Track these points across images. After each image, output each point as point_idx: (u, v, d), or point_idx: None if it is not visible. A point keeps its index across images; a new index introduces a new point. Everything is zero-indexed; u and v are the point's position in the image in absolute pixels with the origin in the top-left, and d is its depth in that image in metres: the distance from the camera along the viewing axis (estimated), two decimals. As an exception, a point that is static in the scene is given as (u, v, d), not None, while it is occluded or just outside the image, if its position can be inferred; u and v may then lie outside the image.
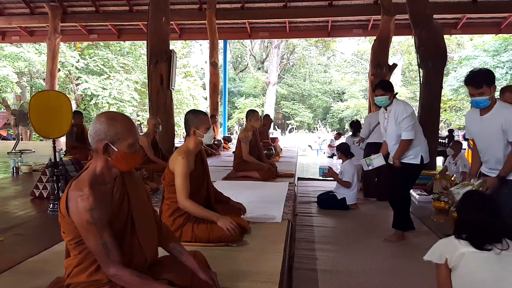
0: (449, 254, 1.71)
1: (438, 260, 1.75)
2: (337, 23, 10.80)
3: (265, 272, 2.06)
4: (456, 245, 1.70)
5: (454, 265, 1.69)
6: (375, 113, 5.71)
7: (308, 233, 3.90)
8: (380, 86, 3.44)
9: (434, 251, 1.78)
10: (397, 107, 3.34)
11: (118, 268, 1.46)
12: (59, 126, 3.28)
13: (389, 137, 3.48)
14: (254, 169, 4.76)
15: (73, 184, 1.49)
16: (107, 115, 1.53)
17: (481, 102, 2.51)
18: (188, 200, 2.42)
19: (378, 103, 3.45)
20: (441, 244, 1.79)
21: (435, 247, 1.79)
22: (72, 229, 1.48)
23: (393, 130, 3.39)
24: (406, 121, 3.25)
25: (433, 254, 1.77)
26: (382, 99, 3.40)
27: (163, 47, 6.81)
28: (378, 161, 3.43)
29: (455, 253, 1.68)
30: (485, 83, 2.49)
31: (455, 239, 1.74)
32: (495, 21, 10.26)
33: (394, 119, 3.34)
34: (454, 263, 1.69)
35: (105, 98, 16.97)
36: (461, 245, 1.69)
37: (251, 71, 28.05)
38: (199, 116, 2.58)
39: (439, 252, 1.76)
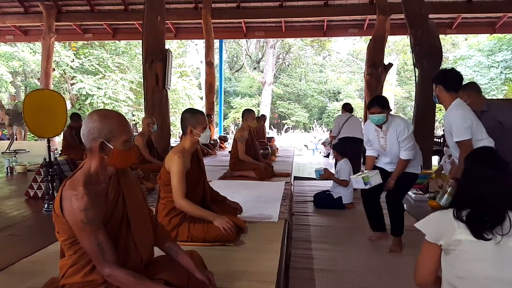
0: (446, 236, 1.47)
1: (432, 238, 1.50)
2: (333, 22, 10.81)
3: (262, 271, 2.05)
4: (454, 228, 1.45)
5: (448, 249, 1.46)
6: (343, 115, 6.38)
7: (305, 232, 3.91)
8: (377, 103, 3.13)
9: (429, 225, 1.54)
10: (397, 125, 3.12)
11: (113, 268, 1.44)
12: (54, 126, 3.25)
13: (389, 156, 3.29)
14: (250, 168, 4.75)
15: (67, 183, 1.47)
16: (99, 113, 1.51)
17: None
18: (184, 200, 2.41)
19: (374, 121, 3.17)
20: (439, 220, 1.53)
21: (431, 222, 1.55)
22: (66, 229, 1.46)
23: (395, 149, 3.18)
24: (408, 140, 3.09)
25: (428, 228, 1.53)
26: (379, 117, 3.13)
27: (159, 46, 6.79)
28: (376, 179, 3.18)
29: (451, 237, 1.45)
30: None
31: (454, 219, 1.47)
32: (489, 21, 10.32)
33: (395, 137, 3.13)
34: (448, 247, 1.46)
35: (100, 97, 16.88)
36: (459, 228, 1.44)
37: (246, 71, 28.02)
38: (196, 116, 2.57)
39: (435, 230, 1.51)
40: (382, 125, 3.19)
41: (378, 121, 3.17)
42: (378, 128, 3.25)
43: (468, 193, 1.50)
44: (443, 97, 2.77)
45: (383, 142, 3.26)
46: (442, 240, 1.47)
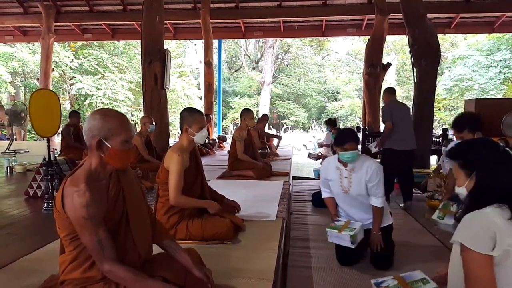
0: (500, 242, 1.27)
1: (485, 249, 1.26)
2: (331, 22, 10.83)
3: (259, 269, 2.07)
4: (503, 232, 1.28)
5: (501, 256, 1.27)
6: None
7: (303, 231, 3.92)
8: (353, 138, 2.66)
9: (476, 235, 1.31)
10: (368, 166, 2.65)
11: (113, 265, 1.46)
12: (52, 125, 3.27)
13: (348, 202, 2.80)
14: (249, 168, 4.77)
15: (68, 180, 1.49)
16: (100, 111, 1.53)
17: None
18: (181, 196, 2.43)
19: (348, 159, 2.65)
20: (485, 225, 1.31)
21: (477, 230, 1.32)
22: (67, 225, 1.48)
23: (360, 194, 2.70)
24: (380, 186, 2.66)
25: (476, 239, 1.30)
26: (353, 154, 2.64)
27: (157, 46, 6.80)
28: (360, 235, 2.66)
29: (505, 241, 1.26)
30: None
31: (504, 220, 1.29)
32: (488, 20, 10.34)
33: (363, 180, 2.67)
34: (502, 255, 1.26)
35: (99, 98, 16.87)
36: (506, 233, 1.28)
37: (245, 71, 28.01)
38: (193, 114, 2.59)
39: (486, 238, 1.28)
40: (348, 164, 2.70)
41: (352, 158, 2.66)
42: (342, 167, 2.74)
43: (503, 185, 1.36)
44: None
45: (347, 184, 2.74)
46: (496, 248, 1.28)
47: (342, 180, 2.76)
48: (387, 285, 1.84)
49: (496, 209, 1.33)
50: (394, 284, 1.84)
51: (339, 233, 2.59)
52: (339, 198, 2.88)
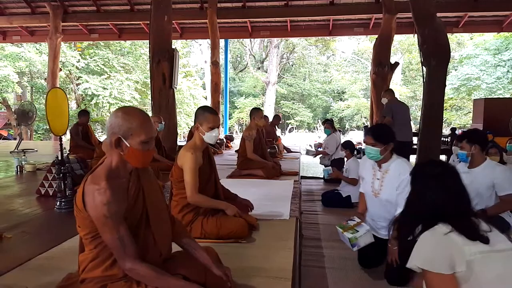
0: (458, 259, 1.28)
1: (445, 269, 1.27)
2: (339, 21, 10.79)
3: (277, 268, 2.04)
4: (459, 246, 1.29)
5: (464, 275, 1.27)
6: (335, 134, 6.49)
7: (314, 231, 3.91)
8: (371, 132, 2.62)
9: (433, 256, 1.31)
10: (402, 170, 2.50)
11: (134, 263, 1.45)
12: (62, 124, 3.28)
13: (376, 206, 2.66)
14: (258, 167, 4.75)
15: (89, 178, 1.48)
16: (124, 109, 1.52)
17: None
18: (198, 194, 2.42)
19: (368, 155, 2.63)
20: (439, 245, 1.33)
21: (432, 251, 1.33)
22: (88, 223, 1.47)
23: (390, 201, 2.53)
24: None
25: (434, 260, 1.30)
26: (371, 151, 2.56)
27: (165, 46, 6.80)
28: (366, 239, 2.50)
29: (464, 258, 1.27)
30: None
31: (447, 235, 1.31)
32: (496, 19, 10.26)
33: (395, 185, 2.51)
34: (464, 272, 1.27)
35: (105, 98, 16.95)
36: (466, 246, 1.29)
37: (250, 71, 28.03)
38: (205, 114, 2.57)
39: (444, 257, 1.29)
40: (382, 164, 2.59)
41: (370, 155, 2.60)
42: (377, 167, 2.64)
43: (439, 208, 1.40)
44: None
45: (377, 186, 2.61)
46: (457, 266, 1.27)
47: (374, 182, 2.66)
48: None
49: (443, 229, 1.34)
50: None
51: (342, 233, 2.56)
52: (368, 199, 2.77)
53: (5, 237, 2.59)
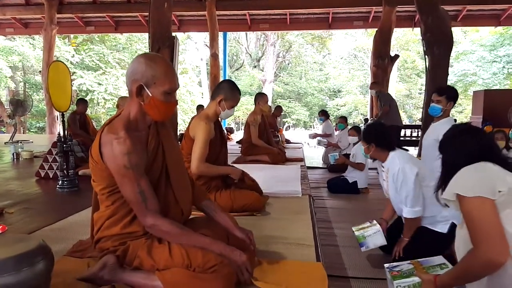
0: (500, 183, 1.24)
1: (487, 193, 1.22)
2: (338, 15, 10.73)
3: (297, 237, 1.96)
4: (500, 173, 1.28)
5: (505, 199, 1.23)
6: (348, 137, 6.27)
7: (323, 214, 3.84)
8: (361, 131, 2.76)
9: (474, 182, 1.27)
10: (392, 166, 2.40)
11: (156, 218, 1.35)
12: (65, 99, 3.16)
13: (395, 207, 2.55)
14: (264, 153, 4.64)
15: (106, 128, 1.37)
16: (147, 55, 1.40)
17: None
18: (203, 164, 2.31)
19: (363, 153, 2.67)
20: (482, 172, 1.30)
21: (475, 178, 1.29)
22: (105, 176, 1.36)
23: (397, 199, 2.43)
24: (406, 191, 2.30)
25: (475, 186, 1.25)
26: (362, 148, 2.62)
27: (166, 33, 6.69)
28: (376, 240, 2.38)
29: (505, 182, 1.24)
30: None
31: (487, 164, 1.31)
32: (494, 13, 10.28)
33: (392, 183, 2.41)
34: (505, 197, 1.23)
35: (101, 93, 16.75)
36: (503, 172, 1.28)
37: (247, 69, 27.92)
38: (233, 91, 2.45)
39: (486, 181, 1.25)
40: (383, 164, 2.53)
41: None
42: (382, 168, 2.56)
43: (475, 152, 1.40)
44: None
45: (386, 187, 2.55)
46: (499, 188, 1.23)
47: (383, 183, 2.59)
48: (401, 269, 1.71)
49: (482, 163, 1.34)
50: (408, 268, 1.71)
51: (354, 232, 2.50)
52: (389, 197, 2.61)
53: (7, 212, 2.47)
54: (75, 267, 1.49)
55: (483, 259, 1.18)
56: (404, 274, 1.66)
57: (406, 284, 1.60)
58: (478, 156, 1.36)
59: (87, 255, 1.58)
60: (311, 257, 1.70)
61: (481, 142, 1.42)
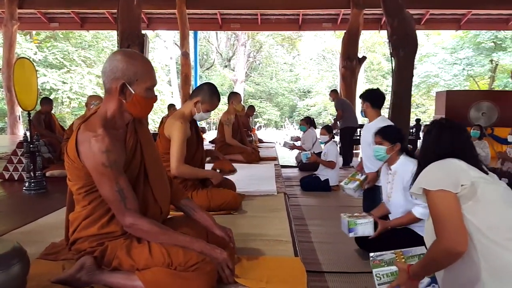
0: (464, 177, 1.30)
1: (449, 186, 1.28)
2: (308, 16, 10.90)
3: (275, 234, 1.99)
4: (464, 168, 1.33)
5: (466, 195, 1.29)
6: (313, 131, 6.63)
7: (297, 211, 3.90)
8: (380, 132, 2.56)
9: (438, 176, 1.34)
10: (406, 169, 2.40)
11: (136, 217, 1.33)
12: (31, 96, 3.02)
13: (393, 212, 2.55)
14: (238, 152, 4.66)
15: (82, 126, 1.34)
16: (124, 52, 1.38)
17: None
18: (183, 165, 2.30)
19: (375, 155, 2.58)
20: (446, 167, 1.36)
21: (439, 172, 1.35)
22: (82, 175, 1.33)
23: (399, 203, 2.45)
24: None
25: (439, 178, 1.32)
26: (379, 150, 2.52)
27: (135, 31, 6.55)
28: (365, 229, 2.41)
29: (469, 179, 1.29)
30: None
31: (452, 160, 1.37)
32: (455, 17, 10.80)
33: (401, 186, 2.41)
34: (468, 189, 1.29)
35: (65, 92, 16.12)
36: (470, 170, 1.33)
37: (217, 69, 27.78)
38: (213, 98, 2.44)
39: (448, 175, 1.32)
40: (391, 167, 2.52)
41: (376, 154, 2.55)
42: (389, 170, 2.55)
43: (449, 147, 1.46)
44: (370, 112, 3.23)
45: (389, 190, 2.52)
46: (461, 182, 1.29)
47: (387, 186, 2.55)
48: (382, 258, 1.79)
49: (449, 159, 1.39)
50: (390, 258, 1.79)
51: (343, 218, 2.47)
52: (387, 204, 2.62)
53: (-30, 216, 2.34)
54: (49, 270, 1.45)
55: (444, 248, 1.25)
56: (384, 264, 1.74)
57: (384, 272, 1.69)
58: (450, 153, 1.41)
59: (62, 257, 1.54)
60: (289, 253, 1.74)
61: (455, 140, 1.45)
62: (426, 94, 18.78)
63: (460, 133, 1.49)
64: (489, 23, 11.24)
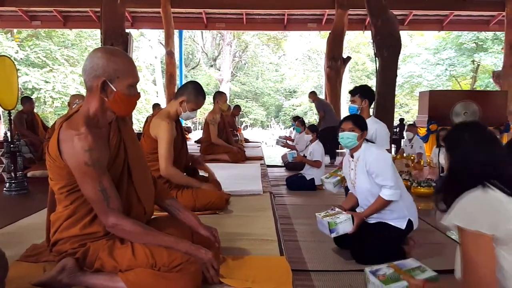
0: (503, 221, 1.16)
1: (487, 229, 1.15)
2: (293, 16, 10.94)
3: (261, 233, 1.99)
4: (504, 204, 1.19)
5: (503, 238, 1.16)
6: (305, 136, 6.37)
7: (283, 210, 3.91)
8: (351, 118, 2.60)
9: (474, 215, 1.19)
10: (368, 154, 2.49)
11: (119, 217, 1.31)
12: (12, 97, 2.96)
13: (360, 196, 2.64)
14: (223, 152, 4.65)
15: (64, 124, 1.32)
16: (105, 49, 1.37)
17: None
18: (173, 168, 2.29)
19: (343, 141, 2.56)
20: (483, 204, 1.20)
21: (475, 210, 1.20)
22: (64, 174, 1.30)
23: (364, 188, 2.53)
24: (384, 175, 2.39)
25: (476, 219, 1.18)
26: (349, 136, 2.52)
27: (119, 29, 6.48)
28: (345, 226, 2.44)
29: (508, 216, 1.16)
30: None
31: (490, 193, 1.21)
32: (438, 18, 11.00)
33: (365, 170, 2.49)
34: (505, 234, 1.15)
35: (48, 92, 15.78)
36: (507, 201, 1.19)
37: (203, 68, 27.65)
38: (198, 97, 2.42)
39: (486, 215, 1.17)
40: (353, 153, 2.58)
41: (346, 142, 2.53)
42: (351, 158, 2.62)
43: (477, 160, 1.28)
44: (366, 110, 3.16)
45: (353, 176, 2.59)
46: (501, 225, 1.15)
47: (350, 172, 2.62)
48: (384, 273, 1.75)
49: (487, 189, 1.23)
50: (391, 272, 1.76)
51: (322, 219, 2.49)
52: (352, 191, 2.70)
53: None
54: (30, 272, 1.42)
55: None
56: (391, 278, 1.72)
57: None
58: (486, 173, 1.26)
59: (43, 259, 1.51)
60: (274, 252, 1.74)
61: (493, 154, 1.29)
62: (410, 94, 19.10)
63: (498, 146, 1.32)
64: (470, 24, 11.48)
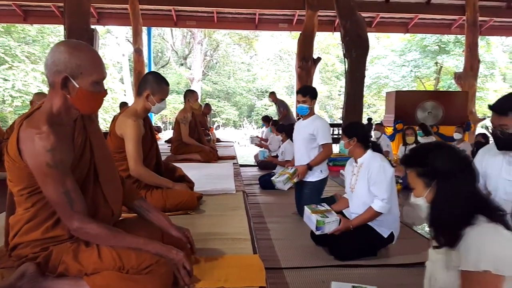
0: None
1: (508, 271, 1.12)
2: (264, 16, 10.98)
3: (234, 232, 1.96)
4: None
5: None
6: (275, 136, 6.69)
7: (256, 209, 3.91)
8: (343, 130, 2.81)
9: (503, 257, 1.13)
10: (372, 162, 2.57)
11: (84, 221, 1.24)
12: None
13: (354, 202, 2.70)
14: (195, 151, 4.56)
15: (25, 123, 1.23)
16: (68, 43, 1.28)
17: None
18: (143, 167, 2.21)
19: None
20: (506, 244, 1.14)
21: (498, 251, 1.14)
22: (24, 175, 1.22)
23: (362, 195, 2.59)
24: (383, 188, 2.48)
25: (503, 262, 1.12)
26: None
27: (83, 26, 6.24)
28: (331, 227, 2.51)
29: None
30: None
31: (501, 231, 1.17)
32: (403, 21, 11.39)
33: (366, 178, 2.56)
34: None
35: (7, 90, 14.98)
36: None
37: (173, 67, 27.21)
38: (161, 84, 2.33)
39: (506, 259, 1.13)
40: (357, 159, 2.69)
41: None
42: (354, 163, 2.72)
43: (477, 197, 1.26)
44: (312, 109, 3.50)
45: (354, 181, 2.67)
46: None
47: (352, 177, 2.69)
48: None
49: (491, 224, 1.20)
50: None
51: (311, 214, 2.54)
52: (349, 197, 2.78)
53: None
54: (-14, 280, 1.32)
55: None
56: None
57: None
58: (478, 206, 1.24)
59: (1, 265, 1.41)
60: (248, 250, 1.72)
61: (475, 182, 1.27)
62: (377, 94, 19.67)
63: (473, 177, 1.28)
64: (434, 27, 11.98)
